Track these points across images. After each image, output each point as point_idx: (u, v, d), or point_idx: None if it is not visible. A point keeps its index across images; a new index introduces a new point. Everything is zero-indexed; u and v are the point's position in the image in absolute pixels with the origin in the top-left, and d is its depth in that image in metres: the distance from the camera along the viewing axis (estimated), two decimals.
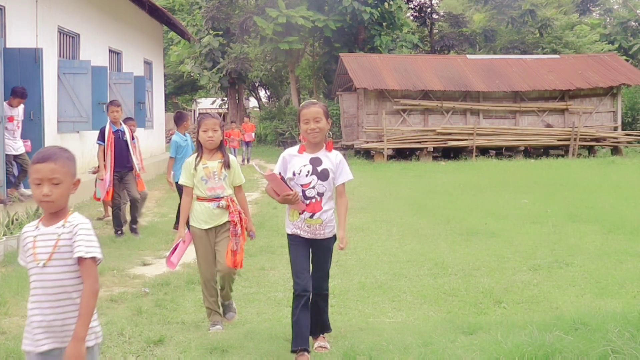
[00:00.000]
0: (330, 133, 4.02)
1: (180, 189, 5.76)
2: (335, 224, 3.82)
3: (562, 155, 20.97)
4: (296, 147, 3.85)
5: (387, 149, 20.29)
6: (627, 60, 26.63)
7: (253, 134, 22.18)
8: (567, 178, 14.07)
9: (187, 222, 4.38)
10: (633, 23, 31.89)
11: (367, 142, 20.65)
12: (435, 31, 33.01)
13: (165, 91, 25.60)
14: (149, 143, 16.90)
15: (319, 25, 24.84)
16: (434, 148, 20.64)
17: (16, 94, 8.33)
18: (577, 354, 3.45)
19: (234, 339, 4.06)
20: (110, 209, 8.84)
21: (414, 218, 9.04)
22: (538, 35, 30.32)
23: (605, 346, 3.47)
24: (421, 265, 6.17)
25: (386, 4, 26.19)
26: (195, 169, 4.22)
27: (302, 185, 3.73)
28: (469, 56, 24.21)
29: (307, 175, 3.73)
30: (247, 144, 21.22)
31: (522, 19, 29.53)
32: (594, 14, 36.55)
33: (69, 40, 12.46)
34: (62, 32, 11.94)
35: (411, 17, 33.01)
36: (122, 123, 7.90)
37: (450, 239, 7.47)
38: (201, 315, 4.63)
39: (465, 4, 35.63)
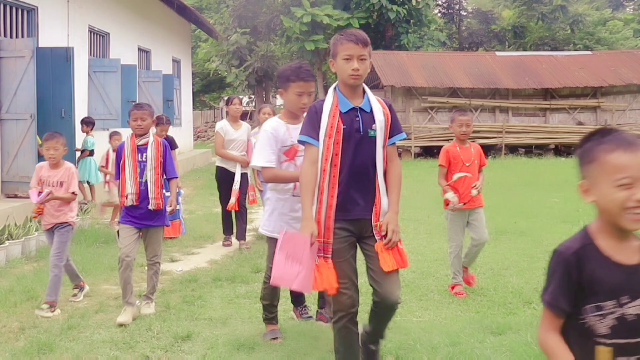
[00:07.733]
0: None
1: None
2: None
3: None
4: None
5: (415, 146, 20.16)
6: None
7: None
8: None
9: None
10: None
11: None
12: (463, 28, 32.67)
13: (193, 89, 25.86)
14: (178, 140, 17.04)
15: (343, 25, 24.80)
16: None
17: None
18: None
19: (260, 336, 4.06)
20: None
21: (442, 216, 8.92)
22: (569, 31, 29.78)
23: None
24: (449, 264, 6.09)
25: (414, 0, 26.01)
26: None
27: None
28: (497, 53, 23.88)
29: None
30: None
31: (553, 15, 29.04)
32: (628, 9, 35.73)
33: (99, 39, 12.66)
34: (92, 31, 12.14)
35: (439, 14, 32.74)
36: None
37: None
38: (228, 312, 4.65)
39: (494, 0, 35.19)
